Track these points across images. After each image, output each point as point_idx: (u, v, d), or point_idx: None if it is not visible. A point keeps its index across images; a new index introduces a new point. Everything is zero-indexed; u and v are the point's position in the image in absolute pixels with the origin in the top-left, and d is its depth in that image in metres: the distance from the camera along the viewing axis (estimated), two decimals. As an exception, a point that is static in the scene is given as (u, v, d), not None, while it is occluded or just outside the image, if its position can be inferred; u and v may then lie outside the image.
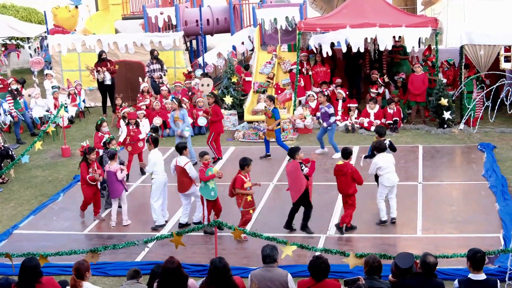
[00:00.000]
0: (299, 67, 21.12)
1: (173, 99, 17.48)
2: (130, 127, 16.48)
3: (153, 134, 14.44)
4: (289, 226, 13.11)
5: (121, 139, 16.82)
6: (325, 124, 17.17)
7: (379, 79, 20.70)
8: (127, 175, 16.48)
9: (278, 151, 17.95)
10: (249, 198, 12.69)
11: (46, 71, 23.61)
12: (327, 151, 17.55)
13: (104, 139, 15.35)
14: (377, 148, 13.22)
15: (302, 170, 12.73)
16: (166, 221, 13.92)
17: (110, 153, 14.08)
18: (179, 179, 13.52)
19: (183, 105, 17.99)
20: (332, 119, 17.13)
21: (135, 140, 16.38)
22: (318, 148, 17.59)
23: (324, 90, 19.78)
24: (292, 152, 13.02)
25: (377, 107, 19.82)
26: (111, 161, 13.92)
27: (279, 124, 17.38)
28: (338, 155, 17.33)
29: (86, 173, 13.97)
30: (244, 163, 12.67)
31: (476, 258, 8.03)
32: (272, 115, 17.26)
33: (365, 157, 14.14)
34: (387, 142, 13.98)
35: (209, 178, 12.93)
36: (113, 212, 14.13)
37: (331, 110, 17.20)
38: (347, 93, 20.89)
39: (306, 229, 13.02)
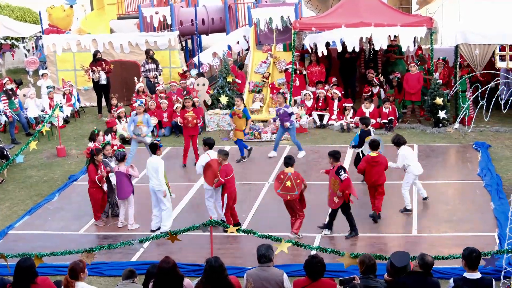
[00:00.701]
0: (294, 67, 21.14)
1: (142, 104, 17.26)
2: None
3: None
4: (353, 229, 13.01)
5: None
6: (287, 124, 17.19)
7: (374, 79, 20.73)
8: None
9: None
10: None
11: (42, 71, 23.55)
12: (276, 154, 17.64)
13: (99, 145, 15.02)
14: (397, 143, 13.72)
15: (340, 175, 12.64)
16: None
17: (120, 155, 13.75)
18: (215, 172, 13.35)
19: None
20: (293, 118, 17.27)
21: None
22: (313, 147, 17.60)
23: (282, 91, 19.72)
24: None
25: (372, 106, 19.82)
26: (120, 163, 13.69)
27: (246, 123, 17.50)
28: (301, 153, 17.45)
29: (95, 175, 13.76)
30: (290, 162, 12.66)
31: (471, 258, 8.04)
32: (243, 115, 17.32)
33: (353, 147, 15.03)
34: (372, 131, 15.11)
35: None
36: (121, 213, 13.96)
37: (291, 109, 17.36)
38: (343, 92, 20.90)
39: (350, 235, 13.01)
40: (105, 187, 14.00)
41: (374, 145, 13.36)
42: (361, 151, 14.86)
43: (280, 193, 12.61)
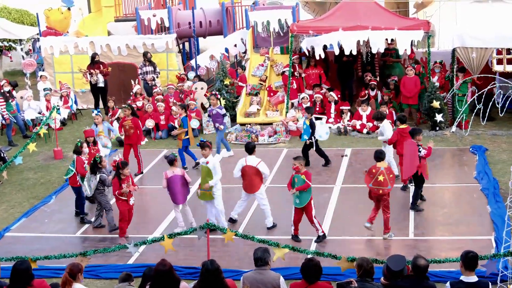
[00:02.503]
0: (292, 70, 21.14)
1: (99, 114, 16.90)
2: (89, 146, 15.42)
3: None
4: (414, 206, 13.98)
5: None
6: (221, 127, 17.53)
7: (372, 82, 20.73)
8: None
9: (270, 154, 17.95)
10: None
11: (40, 73, 23.53)
12: (232, 154, 17.78)
13: (93, 159, 14.13)
14: (380, 118, 15.54)
15: (420, 152, 13.49)
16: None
17: (169, 159, 13.44)
18: (249, 179, 13.33)
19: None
20: (226, 120, 17.39)
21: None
22: (310, 150, 17.54)
23: (215, 92, 19.77)
24: (414, 133, 13.85)
25: (369, 109, 19.83)
26: (172, 167, 13.34)
27: (187, 133, 16.97)
28: (229, 153, 17.81)
29: (118, 189, 13.13)
30: (382, 156, 12.78)
31: (467, 258, 8.02)
32: (181, 124, 17.10)
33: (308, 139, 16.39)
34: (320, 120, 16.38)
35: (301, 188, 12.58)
36: (178, 216, 13.61)
37: (223, 111, 17.67)
38: (339, 96, 20.91)
39: (416, 207, 13.95)
40: (132, 201, 13.33)
41: (402, 119, 14.96)
42: (316, 140, 16.42)
43: (371, 187, 12.68)
